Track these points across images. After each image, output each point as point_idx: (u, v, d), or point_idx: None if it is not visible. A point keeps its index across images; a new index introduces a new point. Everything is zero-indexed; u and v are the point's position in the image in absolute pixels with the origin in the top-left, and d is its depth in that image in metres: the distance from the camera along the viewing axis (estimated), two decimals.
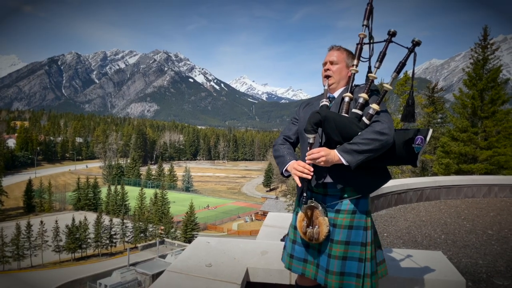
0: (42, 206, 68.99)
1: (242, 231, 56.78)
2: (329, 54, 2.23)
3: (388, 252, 3.04)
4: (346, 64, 2.18)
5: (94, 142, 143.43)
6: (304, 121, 2.16)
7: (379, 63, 2.07)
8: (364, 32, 2.13)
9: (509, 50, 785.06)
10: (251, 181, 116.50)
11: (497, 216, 6.89)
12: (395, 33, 2.05)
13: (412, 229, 5.96)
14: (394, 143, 1.96)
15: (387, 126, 1.87)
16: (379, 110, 1.96)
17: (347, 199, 2.03)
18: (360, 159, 1.86)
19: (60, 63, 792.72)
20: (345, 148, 1.89)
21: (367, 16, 2.12)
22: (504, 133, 18.44)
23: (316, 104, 2.22)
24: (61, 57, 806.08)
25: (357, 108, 2.00)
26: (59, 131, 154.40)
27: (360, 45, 2.15)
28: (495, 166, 17.85)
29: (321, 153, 1.88)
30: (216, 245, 3.08)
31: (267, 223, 4.46)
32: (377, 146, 1.85)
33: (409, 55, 2.00)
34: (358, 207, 2.03)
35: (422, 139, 1.99)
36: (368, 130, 1.89)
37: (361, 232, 2.02)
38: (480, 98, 18.91)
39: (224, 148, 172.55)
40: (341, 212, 2.03)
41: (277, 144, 2.33)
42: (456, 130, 19.38)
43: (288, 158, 2.17)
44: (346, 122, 1.92)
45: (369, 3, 2.12)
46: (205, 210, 70.73)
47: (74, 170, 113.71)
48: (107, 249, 47.77)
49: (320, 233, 1.99)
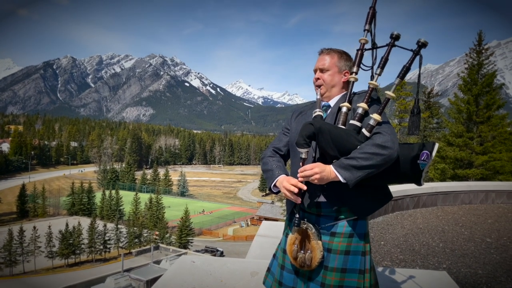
0: (35, 211, 68.34)
1: (238, 236, 56.50)
2: (319, 60, 2.01)
3: (390, 273, 2.88)
4: (338, 69, 1.97)
5: (89, 147, 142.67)
6: (296, 132, 1.95)
7: (380, 70, 1.87)
8: (365, 37, 1.95)
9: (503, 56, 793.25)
10: (247, 186, 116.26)
11: (495, 223, 6.78)
12: (398, 36, 1.86)
13: (409, 237, 5.83)
14: (397, 158, 1.75)
15: (390, 139, 1.67)
16: (381, 120, 1.75)
17: (343, 220, 1.83)
18: (359, 176, 1.65)
19: (56, 67, 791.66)
20: (342, 163, 1.68)
21: (369, 20, 1.95)
22: (499, 138, 18.42)
23: (309, 114, 2.01)
24: (57, 61, 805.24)
25: (356, 119, 1.79)
26: (54, 135, 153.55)
27: (360, 51, 1.96)
28: (491, 171, 17.80)
29: (315, 169, 1.68)
30: (201, 265, 2.86)
31: (260, 233, 4.33)
32: (379, 162, 1.64)
33: (414, 58, 1.81)
34: (355, 230, 1.82)
35: (427, 155, 1.77)
36: (368, 143, 1.69)
37: (359, 258, 1.81)
38: (475, 103, 18.90)
39: (220, 152, 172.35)
40: (336, 236, 1.82)
41: (265, 156, 2.09)
42: (452, 135, 19.34)
43: (277, 172, 1.93)
44: (343, 134, 1.72)
45: (372, 7, 1.96)
46: (200, 215, 70.40)
47: (69, 175, 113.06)
48: (101, 255, 47.33)
49: (313, 258, 1.79)
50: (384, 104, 1.82)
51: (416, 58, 1.83)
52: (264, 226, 4.60)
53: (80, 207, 68.40)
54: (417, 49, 1.81)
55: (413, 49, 1.82)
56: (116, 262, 43.19)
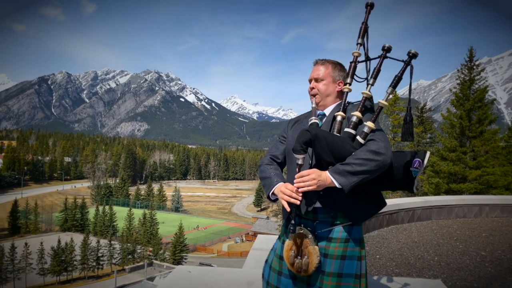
0: (27, 227, 67.30)
1: (233, 252, 55.89)
2: (314, 70, 2.09)
3: (385, 281, 2.90)
4: (333, 79, 2.05)
5: (83, 162, 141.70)
6: (292, 140, 2.01)
7: (373, 80, 1.96)
8: (358, 50, 2.04)
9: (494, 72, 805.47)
10: (242, 201, 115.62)
11: (490, 236, 6.81)
12: (390, 48, 1.95)
13: (404, 250, 5.84)
14: (391, 165, 1.81)
15: (383, 145, 1.72)
16: (374, 128, 1.81)
17: (339, 225, 1.86)
18: (354, 181, 1.69)
19: (50, 82, 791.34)
20: (337, 169, 1.73)
21: (361, 34, 2.04)
22: (492, 152, 18.60)
23: (305, 122, 2.07)
24: (52, 76, 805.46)
25: (350, 127, 1.85)
26: (48, 151, 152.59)
27: (354, 63, 2.05)
28: (485, 185, 17.91)
29: (312, 175, 1.72)
30: (198, 275, 2.86)
31: (256, 246, 4.32)
32: (373, 167, 1.68)
33: (405, 69, 1.89)
34: (351, 235, 1.86)
35: (419, 162, 1.84)
36: (362, 149, 1.74)
37: (354, 262, 1.84)
38: (467, 118, 19.12)
39: (214, 167, 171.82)
40: (333, 241, 1.85)
41: (263, 164, 2.13)
42: (445, 150, 19.49)
43: (275, 180, 1.97)
44: (339, 141, 1.77)
45: (364, 22, 2.05)
46: (194, 231, 69.70)
47: (62, 190, 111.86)
48: (94, 272, 46.52)
49: (309, 264, 1.81)
50: (377, 113, 1.90)
51: (407, 68, 1.90)
52: (260, 240, 4.60)
53: (73, 223, 67.50)
54: (408, 60, 1.90)
55: (404, 59, 1.90)
56: (109, 279, 42.57)
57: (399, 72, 1.90)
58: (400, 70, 1.90)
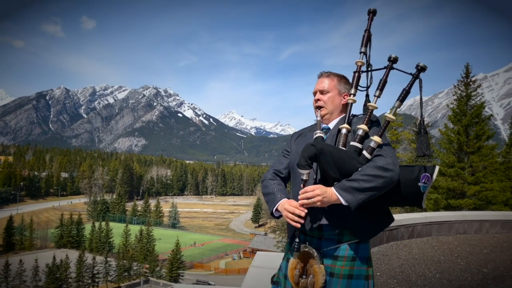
0: (22, 244, 66.36)
1: (230, 270, 55.22)
2: (319, 82, 2.04)
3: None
4: (338, 91, 2.01)
5: (79, 177, 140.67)
6: (296, 154, 1.94)
7: (379, 92, 1.90)
8: (361, 59, 2.00)
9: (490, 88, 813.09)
10: (240, 217, 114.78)
11: (491, 253, 6.73)
12: (396, 59, 1.90)
13: (405, 267, 5.75)
14: (398, 180, 1.74)
15: (391, 161, 1.67)
16: (381, 143, 1.76)
17: (345, 243, 1.79)
18: (361, 198, 1.64)
19: (48, 98, 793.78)
20: (343, 185, 1.66)
21: (364, 43, 2.00)
22: (490, 168, 18.61)
23: (309, 136, 2.02)
24: (50, 92, 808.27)
25: (356, 141, 1.79)
26: (44, 166, 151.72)
27: (358, 73, 2.00)
28: (484, 201, 17.87)
29: (316, 191, 1.65)
30: None
31: (255, 264, 4.24)
32: (380, 184, 1.63)
33: (414, 82, 1.84)
34: (358, 253, 1.78)
35: (428, 177, 1.78)
36: (369, 165, 1.68)
37: (362, 282, 1.77)
38: (465, 134, 19.19)
39: (212, 182, 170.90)
40: (339, 259, 1.77)
41: (266, 179, 2.05)
42: (444, 165, 19.49)
43: (279, 196, 1.90)
44: (345, 156, 1.71)
45: (367, 30, 2.01)
46: (191, 248, 68.97)
47: (58, 206, 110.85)
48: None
49: (315, 283, 1.74)
50: (384, 127, 1.84)
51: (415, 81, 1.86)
52: (259, 257, 4.52)
53: (69, 240, 66.72)
54: (416, 73, 1.85)
55: (412, 72, 1.85)
56: None
57: (407, 86, 1.85)
58: (408, 84, 1.85)
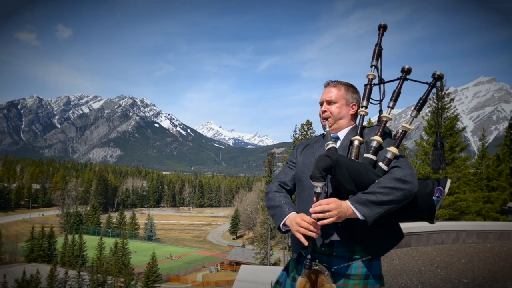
0: None
1: (207, 282, 54.42)
2: (326, 92, 1.99)
3: None
4: (346, 101, 1.96)
5: (52, 189, 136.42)
6: (303, 165, 1.88)
7: (393, 103, 1.88)
8: (373, 72, 2.00)
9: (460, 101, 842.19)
10: (217, 229, 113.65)
11: (469, 263, 6.88)
12: (410, 70, 1.90)
13: (387, 279, 5.80)
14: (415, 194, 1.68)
15: (409, 173, 1.60)
16: (398, 154, 1.70)
17: (358, 260, 1.71)
18: (378, 212, 1.57)
19: (20, 107, 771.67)
20: (360, 199, 1.59)
21: (376, 56, 2.01)
22: (463, 179, 19.17)
23: (317, 146, 1.95)
24: (22, 101, 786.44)
25: (371, 152, 1.73)
26: (15, 177, 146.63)
27: (369, 86, 1.99)
28: (458, 211, 18.33)
29: (331, 205, 1.56)
30: None
31: (240, 277, 4.17)
32: (399, 197, 1.56)
33: (431, 91, 1.83)
34: (371, 271, 1.71)
35: (441, 191, 1.74)
36: (386, 177, 1.61)
37: None
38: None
39: (189, 194, 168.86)
40: (351, 277, 1.69)
41: (271, 191, 1.95)
42: (419, 176, 19.92)
43: (287, 209, 1.80)
44: (361, 168, 1.63)
45: (378, 44, 2.02)
46: (168, 260, 67.72)
47: (29, 219, 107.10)
48: None
49: None
50: (401, 137, 1.80)
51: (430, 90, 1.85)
52: (244, 271, 4.45)
53: (40, 253, 64.39)
54: (433, 82, 1.84)
55: (429, 81, 1.85)
56: None
57: (424, 95, 1.83)
58: (425, 93, 1.83)
